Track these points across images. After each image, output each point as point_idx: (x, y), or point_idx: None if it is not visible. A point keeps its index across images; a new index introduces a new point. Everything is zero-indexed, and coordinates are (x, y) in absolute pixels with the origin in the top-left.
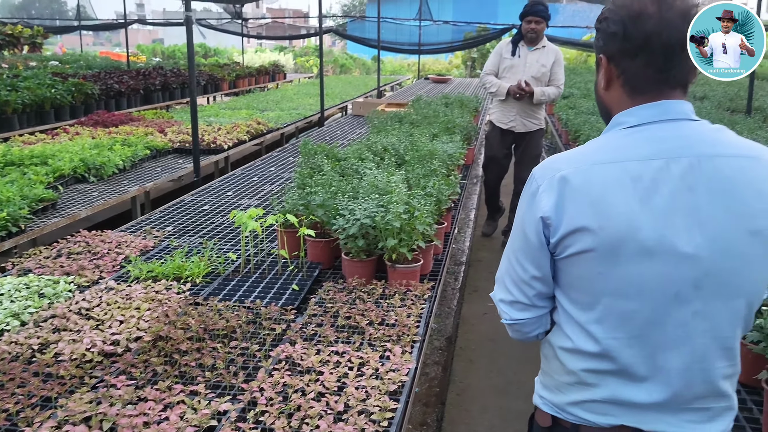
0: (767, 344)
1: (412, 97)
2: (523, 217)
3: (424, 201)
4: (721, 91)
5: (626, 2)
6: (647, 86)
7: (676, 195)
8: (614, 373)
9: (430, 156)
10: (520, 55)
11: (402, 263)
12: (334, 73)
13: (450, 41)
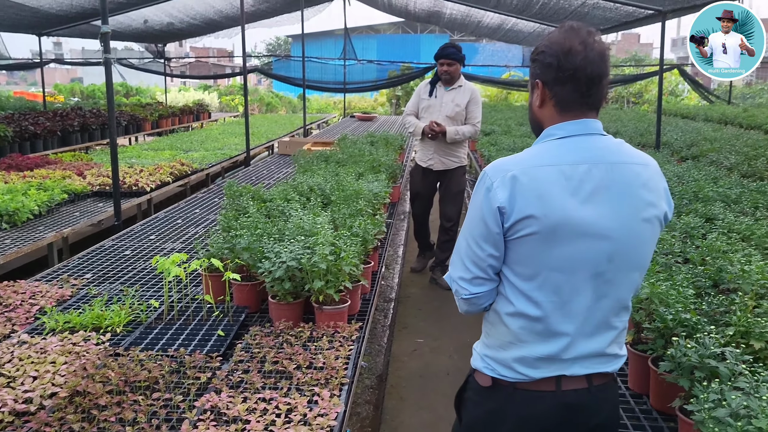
0: (679, 373)
1: (338, 135)
2: (482, 207)
3: (351, 241)
4: (632, 126)
5: (559, 41)
6: (573, 107)
7: (596, 191)
8: (546, 332)
9: (356, 196)
10: (437, 96)
11: (329, 305)
12: (260, 112)
13: (375, 80)
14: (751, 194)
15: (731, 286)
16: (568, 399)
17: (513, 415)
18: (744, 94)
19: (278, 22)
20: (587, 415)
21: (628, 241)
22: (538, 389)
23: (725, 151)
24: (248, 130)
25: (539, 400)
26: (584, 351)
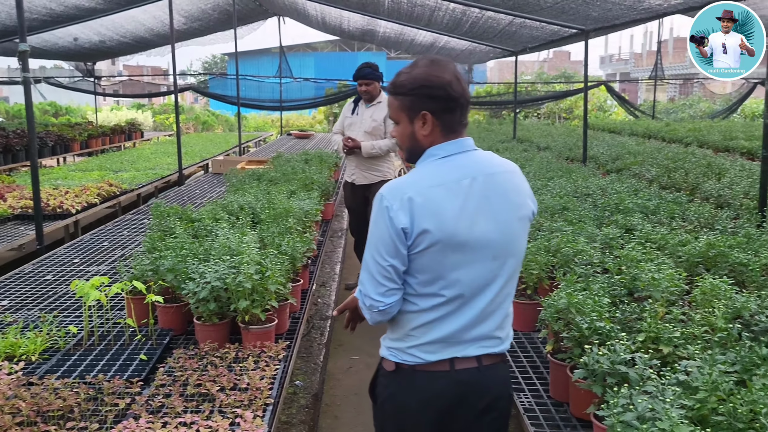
0: (593, 380)
1: (274, 153)
2: (388, 228)
3: (278, 260)
4: (562, 141)
5: (438, 74)
6: (455, 129)
7: (479, 202)
8: (442, 323)
9: (286, 214)
10: (358, 113)
11: (256, 324)
12: (196, 131)
13: (312, 97)
14: (668, 205)
15: (644, 294)
16: (461, 377)
17: (414, 393)
18: (667, 109)
19: (213, 41)
20: (479, 393)
21: (509, 240)
22: (434, 370)
23: (647, 164)
24: (180, 149)
25: (436, 379)
26: (474, 335)
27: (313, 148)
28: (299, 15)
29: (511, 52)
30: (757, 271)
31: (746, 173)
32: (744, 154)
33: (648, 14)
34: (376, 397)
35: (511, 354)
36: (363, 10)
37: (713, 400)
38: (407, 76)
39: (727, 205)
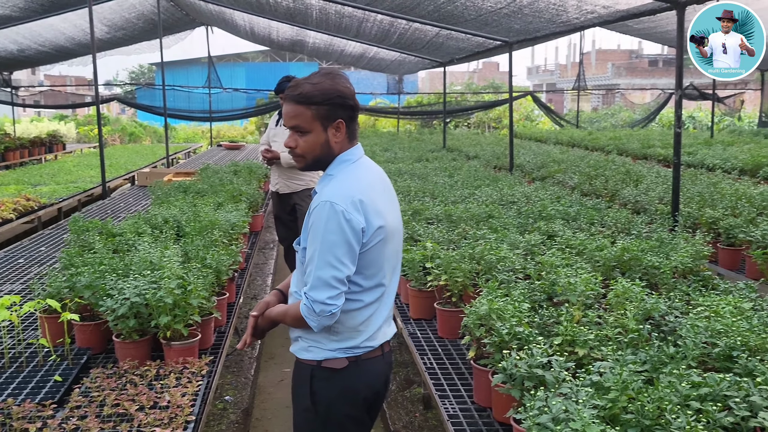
0: (512, 385)
1: (203, 165)
2: (345, 232)
3: (201, 273)
4: (490, 150)
5: (345, 84)
6: (356, 135)
7: (389, 196)
8: (380, 311)
9: (212, 226)
10: (281, 124)
11: (178, 340)
12: (123, 142)
13: (243, 108)
14: (588, 211)
15: (562, 298)
16: (388, 359)
17: (362, 381)
18: (591, 118)
19: (139, 50)
20: (392, 371)
21: (401, 231)
22: (374, 356)
23: (570, 172)
24: (103, 161)
25: (376, 363)
26: (390, 317)
27: (243, 160)
28: (227, 25)
29: (440, 63)
30: (667, 273)
31: (661, 179)
32: (660, 162)
33: (567, 27)
34: (316, 402)
35: (436, 361)
36: (292, 21)
37: (623, 399)
38: (316, 87)
39: (644, 211)
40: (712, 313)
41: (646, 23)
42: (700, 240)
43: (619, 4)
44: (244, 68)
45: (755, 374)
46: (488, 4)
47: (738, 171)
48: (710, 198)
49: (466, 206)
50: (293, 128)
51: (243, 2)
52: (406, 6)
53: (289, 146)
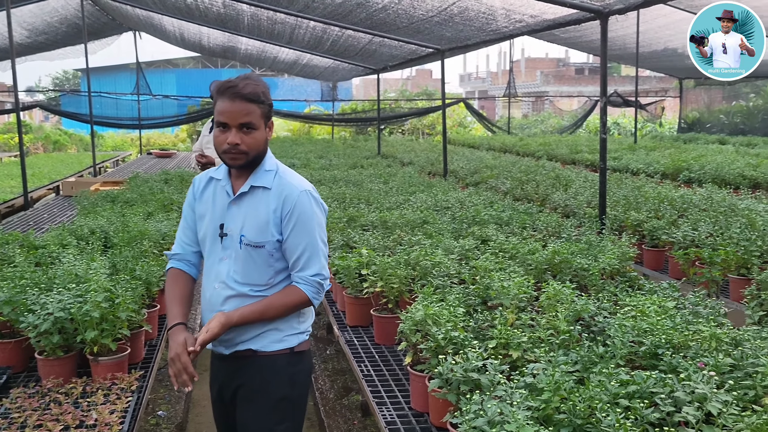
0: (448, 389)
1: (132, 173)
2: (323, 214)
3: (130, 285)
4: (425, 156)
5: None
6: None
7: None
8: None
9: (141, 236)
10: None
11: (106, 355)
12: (47, 151)
13: (174, 115)
14: (520, 216)
15: (496, 302)
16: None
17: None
18: (522, 124)
19: (62, 55)
20: None
21: None
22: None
23: (502, 177)
24: (24, 170)
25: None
26: None
27: (174, 168)
28: (156, 30)
29: (373, 70)
30: (596, 275)
31: (589, 184)
32: (588, 166)
33: (496, 35)
34: (295, 388)
35: (373, 368)
36: (223, 27)
37: (556, 399)
38: (259, 87)
39: (573, 214)
40: (639, 313)
41: (572, 33)
42: (626, 242)
43: (546, 14)
44: (175, 75)
45: (679, 371)
46: (420, 12)
47: (660, 175)
48: (635, 201)
49: (401, 212)
50: (243, 125)
51: (172, 7)
52: (338, 13)
53: (233, 143)
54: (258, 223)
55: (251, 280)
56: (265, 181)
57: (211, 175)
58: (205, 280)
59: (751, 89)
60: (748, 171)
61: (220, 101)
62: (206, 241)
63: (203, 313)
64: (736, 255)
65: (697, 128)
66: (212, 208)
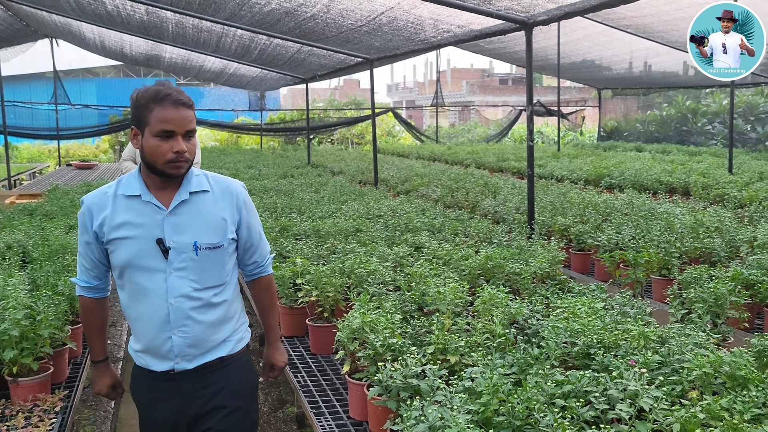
0: (387, 396)
1: (50, 185)
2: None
3: (52, 301)
4: (354, 166)
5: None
6: None
7: None
8: None
9: (63, 250)
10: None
11: (27, 375)
12: None
13: (95, 125)
14: (451, 223)
15: (432, 307)
16: None
17: None
18: (449, 133)
19: None
20: None
21: None
22: None
23: (433, 185)
24: None
25: None
26: None
27: (97, 179)
28: (75, 38)
29: (302, 80)
30: (527, 279)
31: (517, 190)
32: (515, 174)
33: (424, 45)
34: (256, 381)
35: (310, 378)
36: (146, 35)
37: (495, 402)
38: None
39: (503, 220)
40: (570, 315)
41: (497, 44)
42: (554, 246)
43: (473, 24)
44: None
45: (611, 369)
46: (349, 21)
47: (583, 181)
48: (561, 207)
49: (333, 221)
50: (188, 132)
51: (92, 14)
52: (266, 22)
53: (182, 150)
54: (211, 225)
55: (209, 283)
56: (201, 185)
57: (119, 193)
58: (150, 300)
59: (664, 99)
60: (664, 177)
61: (159, 109)
62: (137, 260)
63: (151, 333)
64: (658, 256)
65: (615, 136)
66: (138, 226)
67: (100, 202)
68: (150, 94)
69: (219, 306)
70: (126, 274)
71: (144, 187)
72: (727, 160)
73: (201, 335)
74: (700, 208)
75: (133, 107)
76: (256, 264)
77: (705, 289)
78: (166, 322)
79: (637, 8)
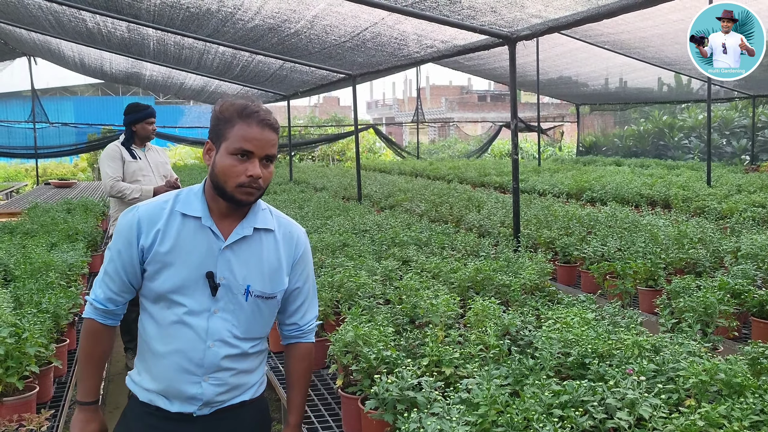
0: (384, 409)
1: (29, 204)
2: None
3: (37, 319)
4: (337, 182)
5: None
6: None
7: None
8: None
9: (46, 268)
10: (140, 157)
11: (12, 395)
12: None
13: (73, 144)
14: (438, 236)
15: (424, 320)
16: None
17: None
18: (430, 149)
19: None
20: None
21: None
22: None
23: (416, 200)
24: None
25: None
26: None
27: (77, 197)
28: (54, 56)
29: (283, 96)
30: (517, 290)
31: (500, 204)
32: (497, 188)
33: (407, 61)
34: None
35: None
36: (127, 52)
37: (493, 413)
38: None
39: (488, 234)
40: (563, 325)
41: (476, 60)
42: (542, 258)
43: (457, 39)
44: (72, 102)
45: (606, 378)
46: (332, 37)
47: (565, 195)
48: (545, 220)
49: (320, 236)
50: (267, 157)
51: (72, 32)
52: (249, 38)
53: (257, 176)
54: (270, 271)
55: (253, 334)
56: (266, 222)
57: (179, 210)
58: (185, 338)
59: (640, 114)
60: (644, 190)
61: (243, 125)
62: (183, 290)
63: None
64: (645, 267)
65: (594, 151)
66: (190, 252)
67: (154, 214)
68: (237, 107)
69: (253, 356)
70: (163, 304)
71: (206, 209)
72: (705, 174)
73: (232, 383)
74: (683, 219)
75: (213, 119)
76: (296, 326)
77: (694, 299)
78: (198, 365)
79: (614, 24)
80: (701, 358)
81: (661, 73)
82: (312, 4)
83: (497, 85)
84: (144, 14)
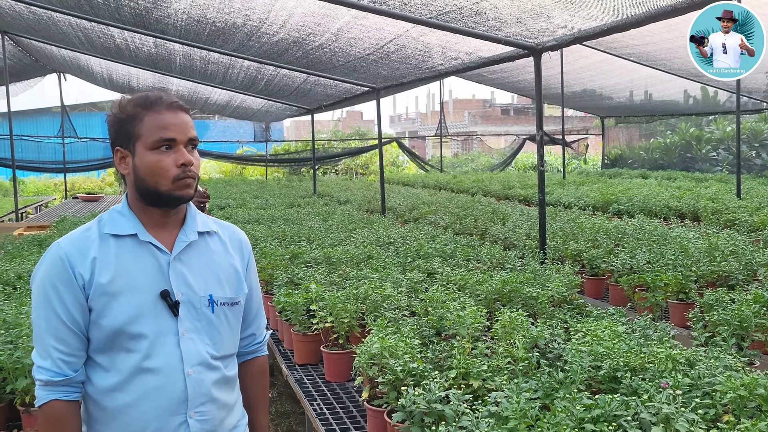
0: (411, 422)
1: (58, 218)
2: None
3: None
4: (360, 195)
5: None
6: None
7: None
8: None
9: None
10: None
11: None
12: None
13: (101, 158)
14: (463, 249)
15: (451, 332)
16: None
17: None
18: (453, 163)
19: None
20: None
21: None
22: None
23: (440, 213)
24: None
25: None
26: None
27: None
28: (83, 72)
29: (307, 110)
30: (545, 302)
31: (526, 217)
32: (522, 201)
33: (432, 73)
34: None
35: (326, 406)
36: (154, 68)
37: (522, 426)
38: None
39: (513, 246)
40: (594, 338)
41: (500, 73)
42: (569, 271)
43: (481, 51)
44: (100, 118)
45: (639, 392)
46: (357, 50)
47: (591, 207)
48: (572, 232)
49: (344, 248)
50: (191, 141)
51: (100, 48)
52: (274, 52)
53: (189, 162)
54: (226, 275)
55: (226, 350)
56: (207, 225)
57: (108, 232)
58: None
59: (666, 127)
60: (672, 202)
61: (152, 115)
62: (137, 321)
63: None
64: (676, 279)
65: (619, 164)
66: (136, 275)
67: (81, 244)
68: (137, 100)
69: (232, 381)
70: (117, 345)
71: (139, 224)
72: (735, 186)
73: (218, 418)
74: (713, 232)
75: (114, 123)
76: (254, 337)
77: (729, 312)
78: (181, 401)
79: (639, 36)
80: (738, 372)
81: (687, 85)
82: (337, 16)
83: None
84: (171, 30)
